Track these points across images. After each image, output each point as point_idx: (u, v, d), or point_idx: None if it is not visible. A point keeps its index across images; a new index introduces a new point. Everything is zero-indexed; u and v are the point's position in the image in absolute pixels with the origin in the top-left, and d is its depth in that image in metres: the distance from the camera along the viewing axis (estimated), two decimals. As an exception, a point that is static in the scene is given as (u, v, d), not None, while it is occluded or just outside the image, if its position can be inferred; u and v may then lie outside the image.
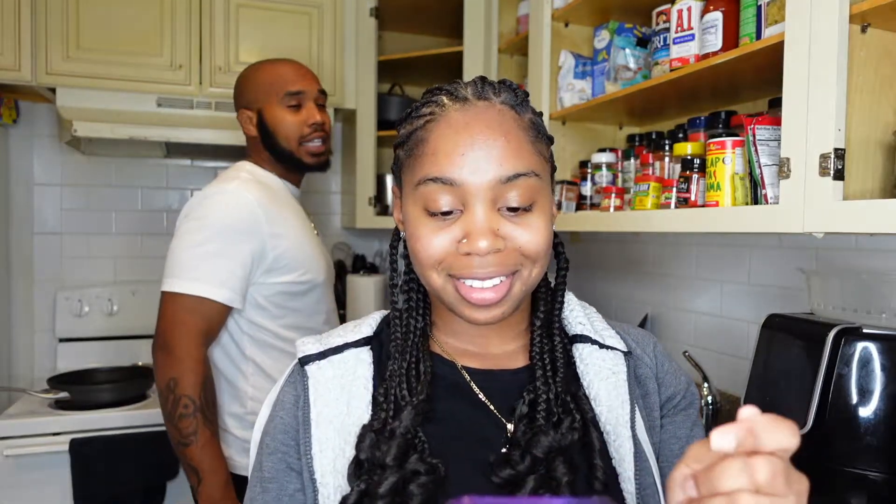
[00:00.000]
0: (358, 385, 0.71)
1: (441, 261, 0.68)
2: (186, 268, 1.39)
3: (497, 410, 0.71)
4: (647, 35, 1.59)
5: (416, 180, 0.69)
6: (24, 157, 2.44)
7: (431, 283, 0.70)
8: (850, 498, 0.98)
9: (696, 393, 0.81)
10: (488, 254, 0.66)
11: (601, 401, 0.72)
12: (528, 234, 0.68)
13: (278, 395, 0.75)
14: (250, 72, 1.61)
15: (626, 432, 0.70)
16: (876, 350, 0.99)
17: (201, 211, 1.43)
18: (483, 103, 0.70)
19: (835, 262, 1.40)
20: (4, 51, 2.03)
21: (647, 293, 2.02)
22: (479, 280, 0.67)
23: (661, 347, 0.82)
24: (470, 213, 0.67)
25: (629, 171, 1.63)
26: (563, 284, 0.80)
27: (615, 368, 0.74)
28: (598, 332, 0.78)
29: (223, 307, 1.42)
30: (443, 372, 0.74)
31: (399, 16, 2.56)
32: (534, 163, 0.69)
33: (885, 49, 1.01)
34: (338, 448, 0.68)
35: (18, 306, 2.45)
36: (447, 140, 0.68)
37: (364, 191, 2.48)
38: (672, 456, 0.76)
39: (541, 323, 0.76)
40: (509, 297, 0.69)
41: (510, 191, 0.67)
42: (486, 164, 0.66)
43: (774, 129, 1.13)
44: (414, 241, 0.70)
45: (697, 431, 0.79)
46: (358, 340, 0.75)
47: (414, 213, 0.70)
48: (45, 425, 1.92)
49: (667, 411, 0.78)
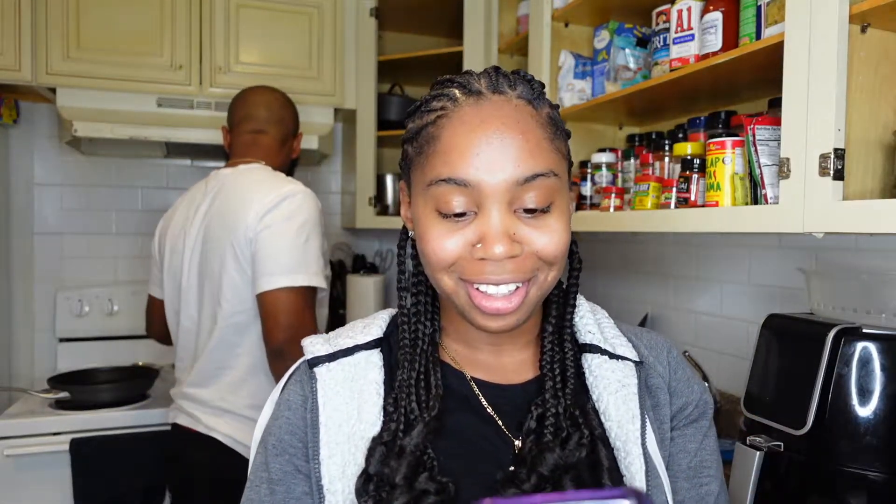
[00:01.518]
0: (370, 390, 0.69)
1: (453, 263, 0.65)
2: (304, 263, 1.50)
3: (505, 426, 0.69)
4: (647, 35, 1.59)
5: (427, 180, 0.66)
6: (25, 157, 2.44)
7: (442, 287, 0.68)
8: (849, 498, 0.98)
9: (710, 402, 0.78)
10: (504, 259, 0.63)
11: (610, 415, 0.69)
12: (546, 237, 0.65)
13: (283, 394, 0.73)
14: (289, 98, 1.84)
15: (636, 450, 0.67)
16: (876, 350, 0.98)
17: (296, 209, 1.54)
18: (498, 97, 0.65)
19: (835, 262, 1.40)
20: (5, 51, 2.03)
21: (647, 293, 2.02)
22: (493, 286, 0.64)
23: (676, 353, 0.78)
24: (485, 215, 0.63)
25: (629, 171, 1.63)
26: (575, 286, 0.77)
27: (625, 381, 0.71)
28: (609, 340, 0.74)
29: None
30: (452, 384, 0.72)
31: (399, 16, 2.56)
32: (552, 161, 0.65)
33: (884, 49, 1.01)
34: (348, 454, 0.66)
35: (18, 306, 2.45)
36: (461, 138, 0.64)
37: (364, 191, 2.48)
38: (680, 471, 0.73)
39: (552, 329, 0.74)
40: (524, 305, 0.66)
41: (528, 192, 0.63)
42: (502, 165, 0.62)
43: (774, 129, 1.13)
44: (424, 243, 0.66)
45: (708, 443, 0.75)
46: (368, 342, 0.73)
47: (425, 214, 0.67)
48: (45, 425, 1.92)
49: (678, 422, 0.75)
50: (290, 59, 2.34)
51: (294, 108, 1.84)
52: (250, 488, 0.70)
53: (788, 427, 1.04)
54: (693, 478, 0.73)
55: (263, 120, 1.75)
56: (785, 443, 1.06)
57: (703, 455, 0.74)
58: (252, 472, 0.71)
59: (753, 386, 1.15)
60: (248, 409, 1.54)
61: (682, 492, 0.72)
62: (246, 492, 0.71)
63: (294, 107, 1.84)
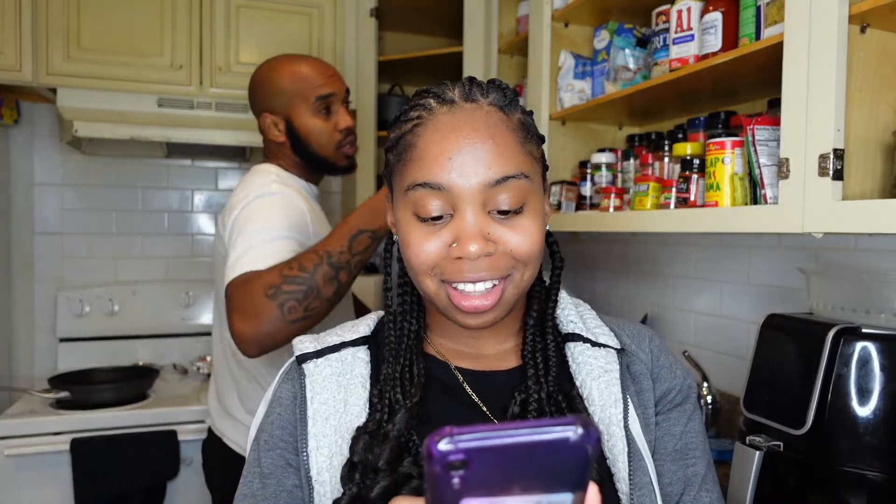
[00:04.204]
0: (356, 383, 0.72)
1: (434, 266, 0.69)
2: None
3: (489, 411, 0.72)
4: (647, 35, 1.59)
5: (405, 185, 0.69)
6: (25, 157, 2.44)
7: (425, 289, 0.71)
8: (849, 498, 0.98)
9: (694, 387, 0.80)
10: (479, 257, 0.66)
11: (594, 400, 0.72)
12: (520, 237, 0.68)
13: (275, 392, 0.75)
14: (269, 73, 1.50)
15: (619, 432, 0.70)
16: (875, 350, 0.99)
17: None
18: (470, 105, 0.69)
19: (835, 262, 1.40)
20: (5, 51, 2.04)
21: (646, 293, 2.02)
22: (470, 283, 0.68)
23: (658, 341, 0.81)
24: (460, 217, 0.67)
25: (629, 172, 1.63)
26: (557, 283, 0.80)
27: (607, 367, 0.74)
28: (591, 330, 0.77)
29: None
30: (436, 373, 0.74)
31: (399, 16, 2.56)
32: (523, 164, 0.69)
33: (884, 49, 1.01)
34: (335, 446, 0.68)
35: (19, 306, 2.46)
36: (434, 144, 0.67)
37: (364, 191, 2.48)
38: (666, 454, 0.75)
39: (534, 322, 0.76)
40: (501, 302, 0.69)
41: (500, 194, 0.67)
42: (474, 168, 0.66)
43: (774, 129, 1.13)
44: (406, 248, 0.70)
45: (693, 426, 0.78)
46: (355, 340, 0.76)
47: (405, 219, 0.70)
48: (45, 425, 1.92)
49: (661, 407, 0.77)
50: (290, 60, 2.34)
51: (267, 82, 1.50)
52: (244, 483, 0.72)
53: (788, 427, 1.04)
54: (679, 460, 0.75)
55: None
56: (784, 443, 1.06)
57: (688, 437, 0.76)
58: (246, 468, 0.74)
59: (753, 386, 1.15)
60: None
61: (669, 474, 0.74)
62: (239, 487, 0.73)
63: (267, 80, 1.50)
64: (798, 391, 1.04)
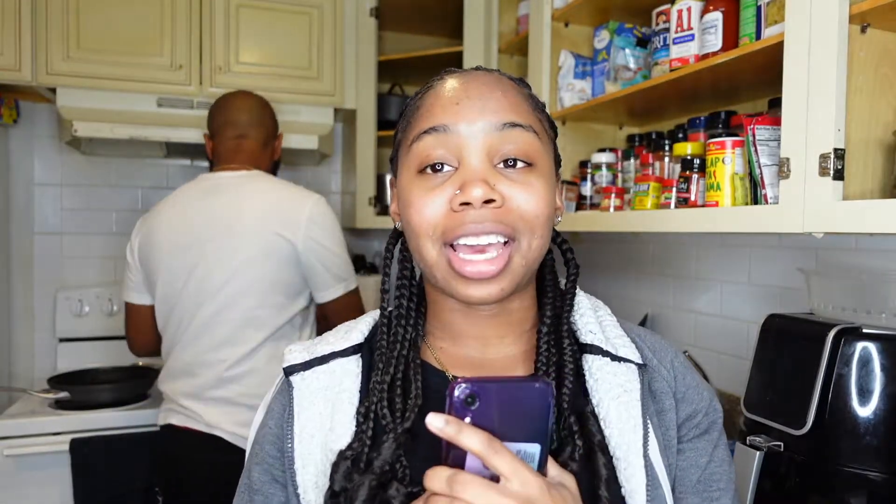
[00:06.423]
0: (342, 399, 0.67)
1: (436, 225, 0.64)
2: (350, 268, 1.78)
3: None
4: (647, 35, 1.59)
5: (410, 141, 0.67)
6: (25, 157, 2.44)
7: (425, 257, 0.66)
8: (849, 498, 0.98)
9: (720, 409, 0.74)
10: (483, 204, 0.62)
11: (611, 422, 0.65)
12: (526, 195, 0.64)
13: (271, 402, 0.72)
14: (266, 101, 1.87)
15: (637, 461, 0.63)
16: (875, 350, 0.99)
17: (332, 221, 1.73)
18: (481, 72, 0.70)
19: (835, 262, 1.40)
20: (5, 51, 2.03)
21: (647, 293, 2.02)
22: (473, 237, 0.63)
23: (682, 358, 0.75)
24: (464, 165, 0.64)
25: (629, 171, 1.63)
26: (573, 288, 0.75)
27: (628, 385, 0.67)
28: (611, 340, 0.71)
29: None
30: (433, 384, 0.69)
31: (399, 16, 2.56)
32: (532, 121, 0.67)
33: (884, 49, 1.01)
34: (321, 465, 0.64)
35: (18, 306, 2.45)
36: (442, 96, 0.67)
37: (364, 191, 2.48)
38: (690, 486, 0.70)
39: (547, 329, 0.70)
40: (508, 270, 0.64)
41: (506, 142, 0.64)
42: (481, 112, 0.64)
43: (774, 129, 1.13)
44: (407, 208, 0.66)
45: (718, 454, 0.72)
46: (346, 349, 0.70)
47: (407, 180, 0.67)
48: (45, 425, 1.92)
49: (686, 432, 0.71)
50: (290, 60, 2.34)
51: (272, 110, 1.86)
52: (237, 494, 0.72)
53: (788, 427, 1.04)
54: (703, 492, 0.70)
55: (245, 124, 1.77)
56: (785, 443, 1.06)
57: (712, 468, 0.71)
58: (241, 478, 0.72)
59: (753, 386, 1.15)
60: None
61: None
62: (235, 498, 0.72)
63: (271, 108, 1.86)
64: (798, 391, 1.04)
